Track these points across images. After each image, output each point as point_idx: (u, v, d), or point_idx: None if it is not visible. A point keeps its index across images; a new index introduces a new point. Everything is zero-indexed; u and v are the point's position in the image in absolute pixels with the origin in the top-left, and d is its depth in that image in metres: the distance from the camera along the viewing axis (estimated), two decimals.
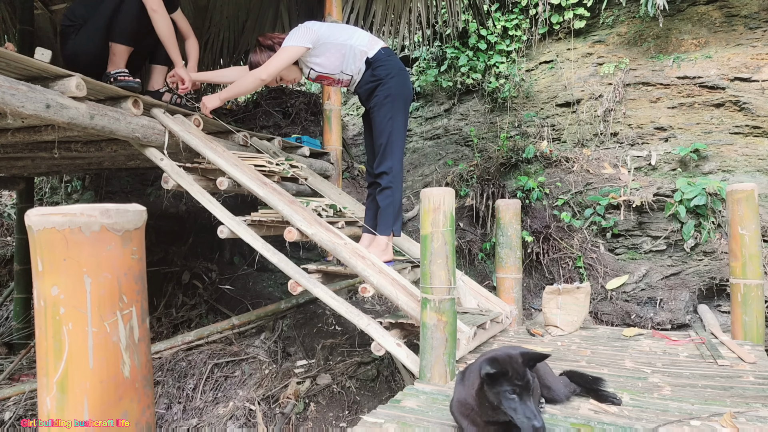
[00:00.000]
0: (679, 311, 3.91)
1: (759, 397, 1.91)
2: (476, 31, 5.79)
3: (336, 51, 2.81)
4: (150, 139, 2.68)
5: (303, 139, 3.93)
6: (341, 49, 2.80)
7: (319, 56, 2.82)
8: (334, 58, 2.82)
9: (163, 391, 3.50)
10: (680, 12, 5.01)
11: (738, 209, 2.82)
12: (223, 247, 5.10)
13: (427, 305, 2.11)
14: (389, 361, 3.45)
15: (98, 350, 1.15)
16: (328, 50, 2.81)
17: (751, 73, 4.42)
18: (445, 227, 2.11)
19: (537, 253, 4.41)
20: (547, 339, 2.92)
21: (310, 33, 2.77)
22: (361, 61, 2.82)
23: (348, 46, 2.80)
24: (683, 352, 2.63)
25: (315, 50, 2.80)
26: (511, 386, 1.42)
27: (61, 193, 6.01)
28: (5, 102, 1.94)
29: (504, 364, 1.45)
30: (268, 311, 4.12)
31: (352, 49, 2.80)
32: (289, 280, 2.55)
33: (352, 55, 2.81)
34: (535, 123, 5.30)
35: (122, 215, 1.19)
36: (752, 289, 2.77)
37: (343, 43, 2.80)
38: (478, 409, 1.51)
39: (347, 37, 2.82)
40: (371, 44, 2.83)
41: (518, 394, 1.41)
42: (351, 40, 2.81)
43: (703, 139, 4.45)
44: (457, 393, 1.63)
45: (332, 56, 2.82)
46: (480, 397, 1.50)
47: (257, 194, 2.66)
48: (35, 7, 4.89)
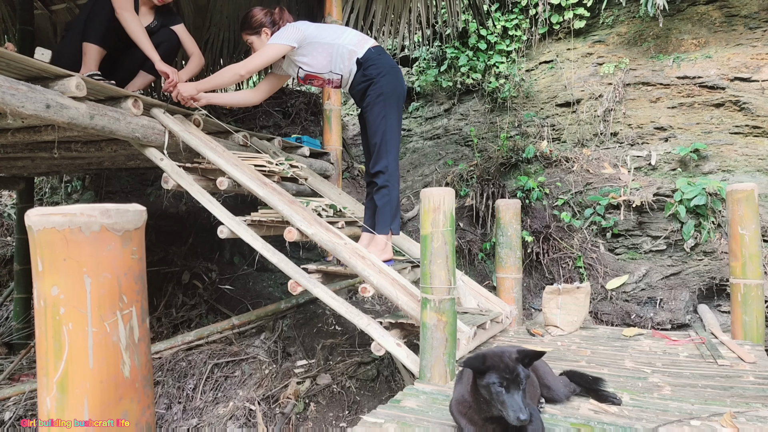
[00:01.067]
0: (679, 311, 3.91)
1: (759, 397, 1.91)
2: (476, 31, 5.79)
3: (323, 50, 2.80)
4: (150, 139, 2.68)
5: (303, 139, 3.93)
6: (328, 49, 2.80)
7: (306, 55, 2.82)
8: (321, 57, 2.82)
9: (163, 391, 3.50)
10: (680, 12, 5.02)
11: (738, 209, 2.82)
12: (223, 247, 5.10)
13: (427, 305, 2.11)
14: (389, 361, 3.45)
15: (98, 350, 1.15)
16: (315, 49, 2.80)
17: (751, 73, 4.42)
18: (445, 227, 2.11)
19: (537, 253, 4.41)
20: (547, 339, 2.92)
21: (297, 32, 2.77)
22: (350, 61, 2.81)
23: (336, 45, 2.79)
24: (683, 352, 2.63)
25: (302, 49, 2.80)
26: (499, 378, 1.43)
27: (61, 193, 6.01)
28: (5, 102, 1.94)
29: (492, 358, 1.47)
30: (268, 311, 4.12)
31: (340, 48, 2.79)
32: (289, 280, 2.55)
33: (340, 55, 2.80)
34: (535, 123, 5.30)
35: (122, 215, 1.19)
36: (752, 289, 2.77)
37: (331, 42, 2.80)
38: (474, 405, 1.53)
39: (335, 36, 2.81)
40: (361, 43, 2.81)
41: (506, 387, 1.43)
42: (339, 39, 2.80)
43: (703, 139, 4.45)
44: (456, 392, 1.64)
45: (319, 55, 2.82)
46: (474, 392, 1.52)
47: (257, 194, 2.66)
48: (35, 7, 4.89)
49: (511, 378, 1.43)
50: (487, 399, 1.47)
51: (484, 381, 1.45)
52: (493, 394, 1.43)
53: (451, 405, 1.64)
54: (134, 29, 3.03)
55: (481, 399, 1.49)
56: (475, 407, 1.52)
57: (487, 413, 1.50)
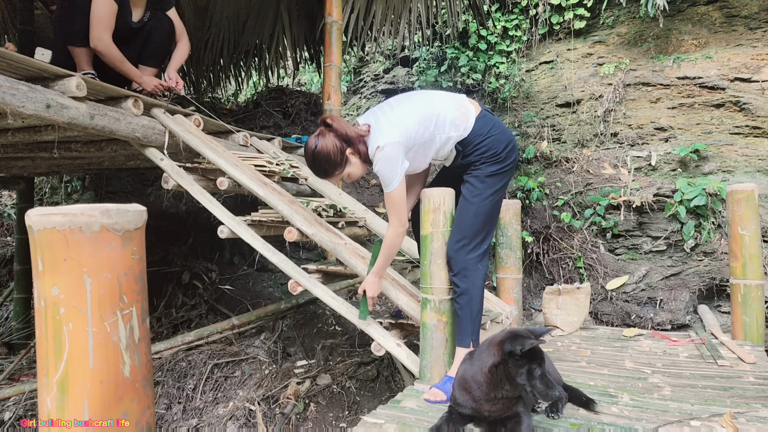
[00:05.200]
0: (679, 311, 3.91)
1: (759, 398, 1.91)
2: (476, 32, 5.79)
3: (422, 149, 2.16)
4: (150, 139, 2.68)
5: (303, 139, 3.93)
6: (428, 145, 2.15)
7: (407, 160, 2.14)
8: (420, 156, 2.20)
9: (163, 391, 3.50)
10: (680, 12, 5.02)
11: (738, 209, 2.82)
12: (223, 247, 5.10)
13: (427, 305, 2.11)
14: (389, 362, 3.45)
15: (98, 350, 1.14)
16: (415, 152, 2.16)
17: (751, 74, 4.42)
18: (445, 227, 2.11)
19: (537, 254, 4.41)
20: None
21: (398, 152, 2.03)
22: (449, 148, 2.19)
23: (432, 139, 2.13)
24: (683, 352, 2.63)
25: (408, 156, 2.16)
26: (538, 362, 1.53)
27: (61, 193, 6.01)
28: (5, 102, 1.94)
29: (529, 338, 1.54)
30: (268, 311, 4.12)
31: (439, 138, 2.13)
32: (289, 280, 2.55)
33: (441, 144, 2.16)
34: (535, 123, 5.30)
35: (122, 215, 1.19)
36: (752, 290, 2.78)
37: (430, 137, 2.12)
38: (486, 385, 1.57)
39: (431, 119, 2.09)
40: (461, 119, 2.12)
41: (540, 367, 1.53)
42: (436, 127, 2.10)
43: (703, 139, 4.45)
44: (462, 370, 1.68)
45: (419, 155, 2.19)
46: (493, 373, 1.56)
47: (257, 194, 2.66)
48: (35, 7, 4.89)
49: (543, 360, 1.56)
50: (511, 380, 1.53)
51: (523, 366, 1.52)
52: (529, 377, 1.52)
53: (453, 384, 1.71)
54: (112, 58, 3.00)
55: (500, 379, 1.55)
56: (486, 387, 1.57)
57: (498, 394, 1.56)
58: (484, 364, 1.58)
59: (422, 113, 2.07)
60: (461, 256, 2.07)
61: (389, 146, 2.01)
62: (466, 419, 1.65)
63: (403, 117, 2.06)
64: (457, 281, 2.07)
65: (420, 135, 2.08)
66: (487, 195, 2.10)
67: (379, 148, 2.02)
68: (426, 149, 2.15)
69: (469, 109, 2.13)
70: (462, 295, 2.06)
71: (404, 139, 2.04)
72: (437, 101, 2.12)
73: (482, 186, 2.10)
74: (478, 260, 2.08)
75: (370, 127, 2.09)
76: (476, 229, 2.08)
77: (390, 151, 2.01)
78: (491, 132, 2.11)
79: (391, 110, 2.10)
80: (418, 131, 2.07)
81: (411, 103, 2.12)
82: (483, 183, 2.10)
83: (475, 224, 2.08)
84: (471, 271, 2.06)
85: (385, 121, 2.07)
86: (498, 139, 2.11)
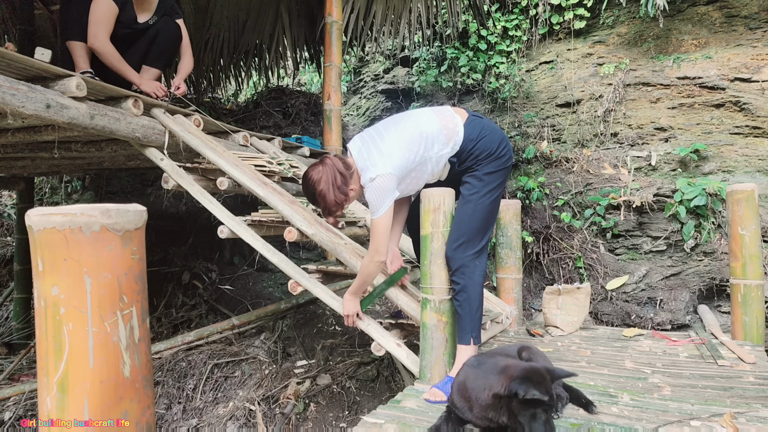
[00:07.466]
0: (679, 311, 3.91)
1: (759, 398, 1.91)
2: (476, 32, 5.79)
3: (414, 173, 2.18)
4: (150, 139, 2.68)
5: (303, 139, 3.93)
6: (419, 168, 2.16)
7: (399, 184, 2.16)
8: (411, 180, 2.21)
9: (163, 391, 3.50)
10: (680, 12, 5.02)
11: (738, 210, 2.82)
12: (223, 247, 5.10)
13: (427, 305, 2.11)
14: (389, 362, 3.45)
15: (98, 350, 1.14)
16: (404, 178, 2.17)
17: (751, 74, 4.42)
18: (445, 227, 2.11)
19: (537, 254, 4.41)
20: (547, 339, 2.92)
21: (389, 183, 2.04)
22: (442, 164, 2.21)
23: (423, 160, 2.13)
24: (683, 352, 2.63)
25: None
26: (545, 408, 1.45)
27: (61, 193, 6.01)
28: (5, 102, 1.94)
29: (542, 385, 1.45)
30: (268, 311, 4.12)
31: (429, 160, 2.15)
32: (289, 280, 2.55)
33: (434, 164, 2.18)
34: (535, 123, 5.30)
35: (122, 215, 1.19)
36: (752, 290, 2.77)
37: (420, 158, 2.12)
38: (486, 407, 1.53)
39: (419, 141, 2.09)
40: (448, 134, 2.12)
41: (546, 413, 1.46)
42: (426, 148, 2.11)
43: (703, 139, 4.45)
44: (464, 376, 1.64)
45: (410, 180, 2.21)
46: (496, 401, 1.51)
47: (257, 194, 2.66)
48: (35, 7, 4.89)
49: (552, 405, 1.47)
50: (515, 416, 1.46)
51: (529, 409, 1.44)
52: (532, 420, 1.44)
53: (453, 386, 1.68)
54: (109, 56, 3.00)
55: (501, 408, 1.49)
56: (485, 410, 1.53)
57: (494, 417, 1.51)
58: (490, 386, 1.52)
59: (410, 138, 2.08)
60: (459, 254, 2.07)
61: (382, 177, 2.03)
62: (464, 421, 1.64)
63: (394, 146, 2.07)
64: (456, 278, 2.08)
65: (411, 161, 2.09)
66: (485, 193, 2.11)
67: (372, 179, 2.04)
68: (420, 173, 2.16)
69: (455, 120, 2.14)
70: (461, 292, 2.07)
71: (397, 170, 2.06)
72: (423, 121, 2.12)
73: (480, 184, 2.11)
74: (475, 257, 2.08)
75: (362, 158, 2.11)
76: (475, 227, 2.09)
77: (382, 183, 2.03)
78: (481, 135, 2.12)
79: (380, 138, 2.11)
80: (410, 158, 2.08)
81: (398, 128, 2.12)
82: (481, 181, 2.12)
83: (474, 223, 2.09)
84: (469, 268, 2.07)
85: (376, 151, 2.08)
86: (490, 140, 2.12)
